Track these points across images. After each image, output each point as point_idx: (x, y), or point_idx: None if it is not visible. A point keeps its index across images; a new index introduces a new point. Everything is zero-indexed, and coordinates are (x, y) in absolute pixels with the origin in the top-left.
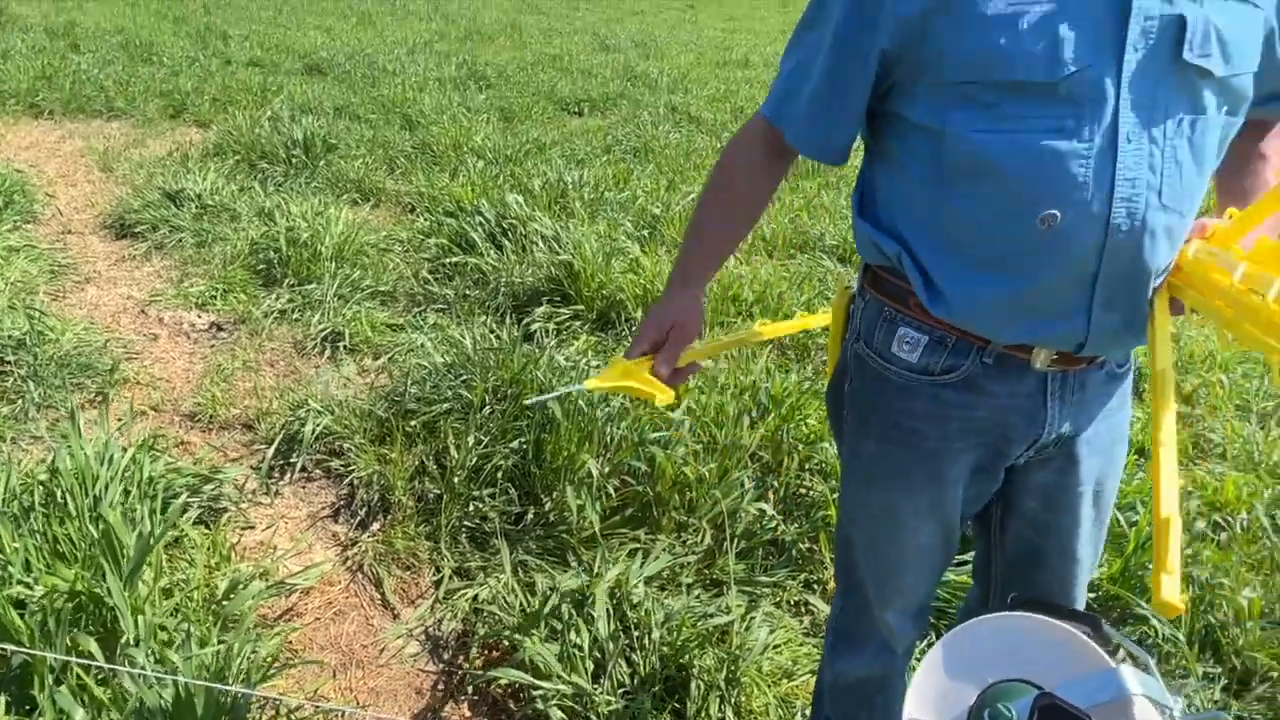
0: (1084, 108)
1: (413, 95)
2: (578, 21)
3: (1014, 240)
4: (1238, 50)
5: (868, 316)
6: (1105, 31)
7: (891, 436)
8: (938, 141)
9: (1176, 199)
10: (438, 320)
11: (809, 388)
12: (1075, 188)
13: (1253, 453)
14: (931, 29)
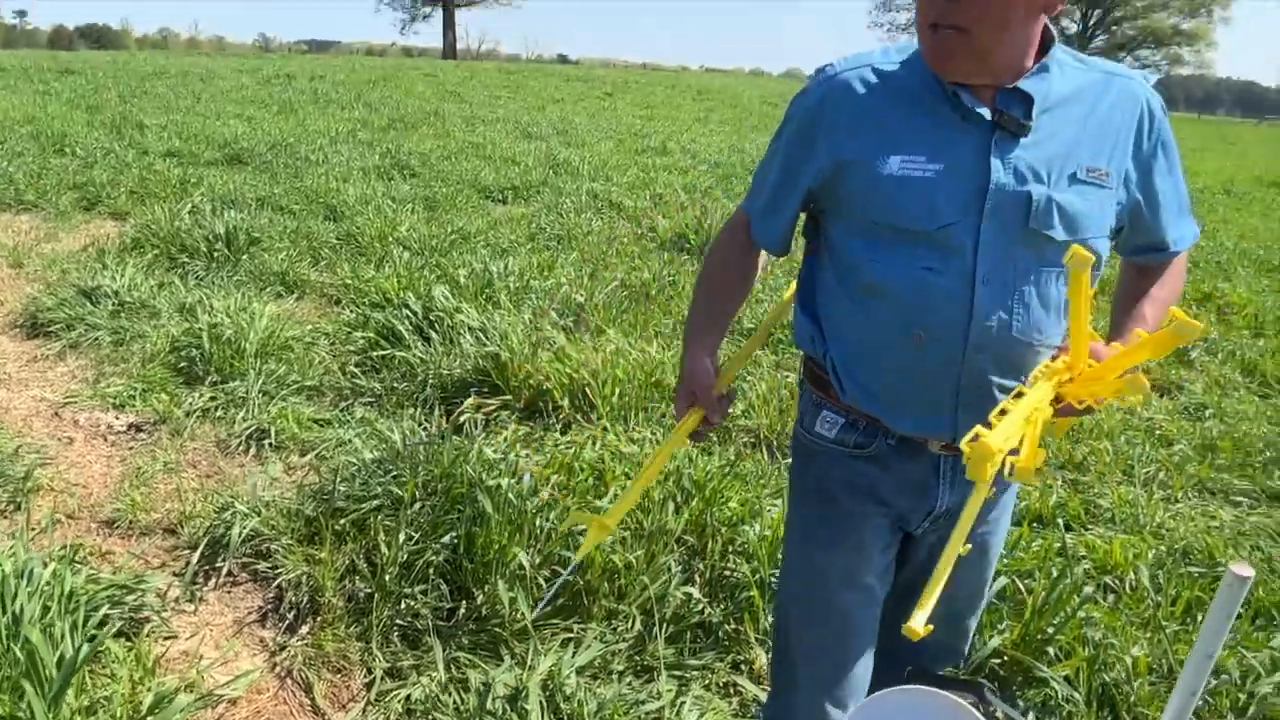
0: (950, 254)
1: (337, 185)
2: (500, 110)
3: (894, 349)
4: (1083, 222)
5: (803, 402)
6: (970, 199)
7: (813, 500)
8: (846, 261)
9: (1025, 332)
10: (365, 414)
11: (730, 471)
12: (940, 315)
13: (1138, 515)
14: (843, 178)
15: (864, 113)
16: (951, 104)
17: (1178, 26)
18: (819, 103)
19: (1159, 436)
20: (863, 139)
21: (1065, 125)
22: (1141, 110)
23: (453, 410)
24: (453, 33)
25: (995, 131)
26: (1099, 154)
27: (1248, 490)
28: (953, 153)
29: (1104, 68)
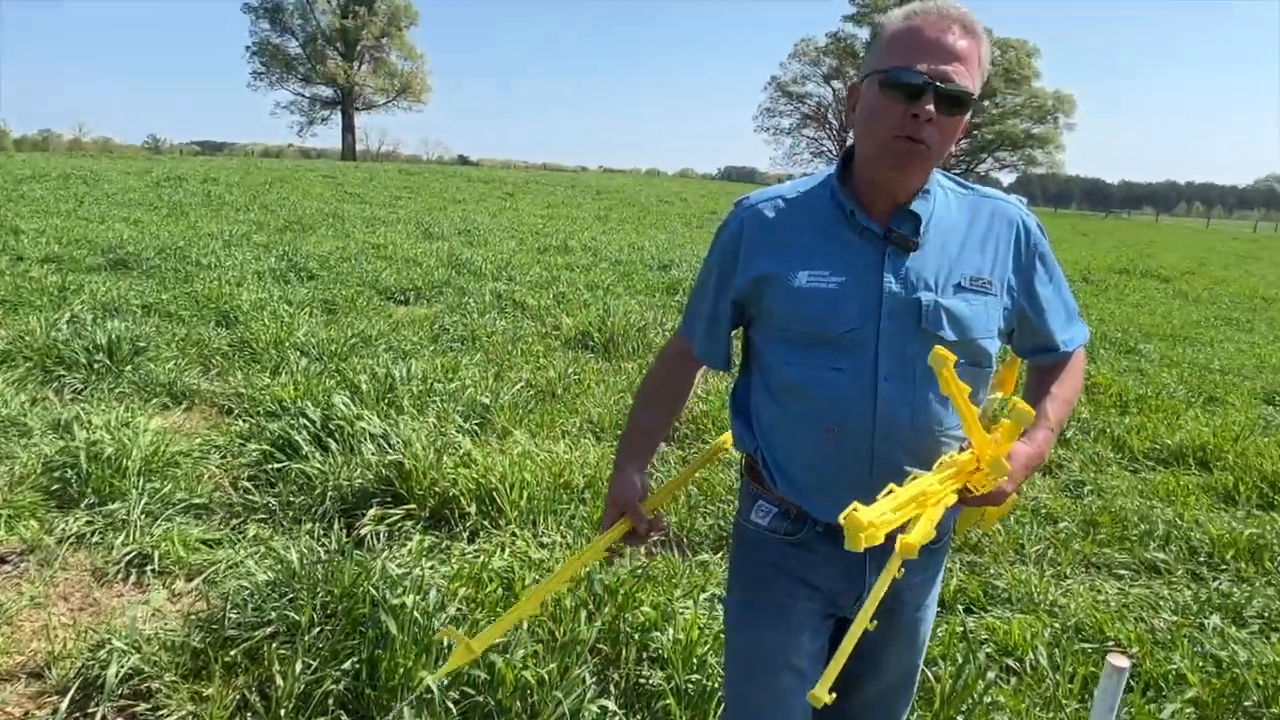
0: (855, 355)
1: (230, 290)
2: (400, 210)
3: (811, 443)
4: (969, 324)
5: (742, 494)
6: (869, 306)
7: (748, 584)
8: (767, 365)
9: (926, 423)
10: (259, 532)
11: (642, 574)
12: (849, 410)
13: (1032, 594)
14: (761, 292)
15: (776, 235)
16: (849, 225)
17: (1029, 131)
18: (739, 228)
19: (1045, 514)
20: (776, 257)
21: (949, 240)
22: (1018, 227)
23: (354, 523)
24: (352, 135)
25: (888, 246)
26: (981, 265)
27: (1128, 563)
28: (852, 267)
29: (982, 192)
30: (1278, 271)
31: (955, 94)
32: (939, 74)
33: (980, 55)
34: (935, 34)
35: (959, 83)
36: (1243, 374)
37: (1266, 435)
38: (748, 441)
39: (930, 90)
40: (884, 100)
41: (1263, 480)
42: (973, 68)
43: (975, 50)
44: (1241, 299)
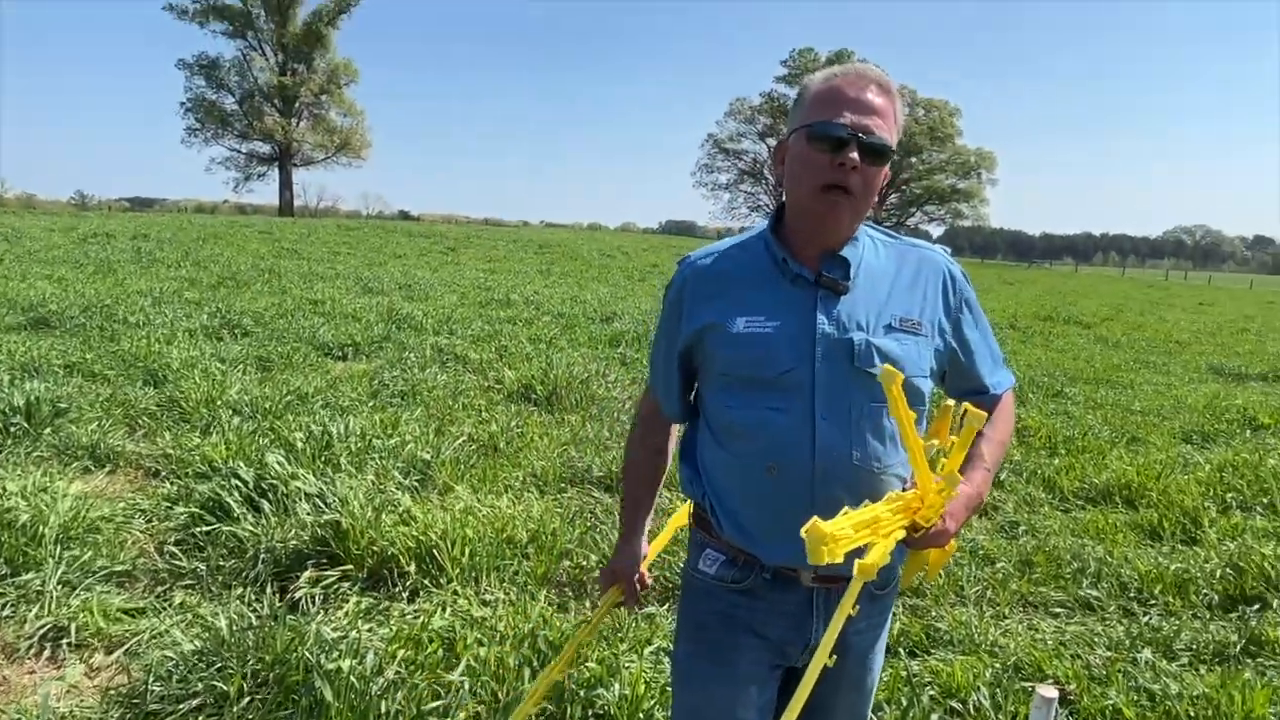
0: (792, 395)
1: (159, 348)
2: (339, 266)
3: (754, 484)
4: (901, 363)
5: (691, 543)
6: (804, 348)
7: (696, 636)
8: (712, 410)
9: (865, 460)
10: (185, 599)
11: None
12: (788, 448)
13: (973, 635)
14: (704, 340)
15: (715, 287)
16: (782, 272)
17: (954, 186)
18: (682, 284)
19: (982, 556)
20: (716, 307)
21: (878, 284)
22: (944, 274)
23: (288, 586)
24: (290, 191)
25: (819, 291)
26: (910, 307)
27: (1063, 600)
28: (786, 311)
29: (908, 242)
30: (1189, 317)
31: (876, 145)
32: (861, 126)
33: (895, 112)
34: (855, 92)
35: (879, 135)
36: (1161, 414)
37: (1186, 473)
38: (694, 488)
39: (854, 141)
40: (811, 152)
41: (1184, 516)
42: (890, 123)
43: (891, 107)
44: (1157, 343)
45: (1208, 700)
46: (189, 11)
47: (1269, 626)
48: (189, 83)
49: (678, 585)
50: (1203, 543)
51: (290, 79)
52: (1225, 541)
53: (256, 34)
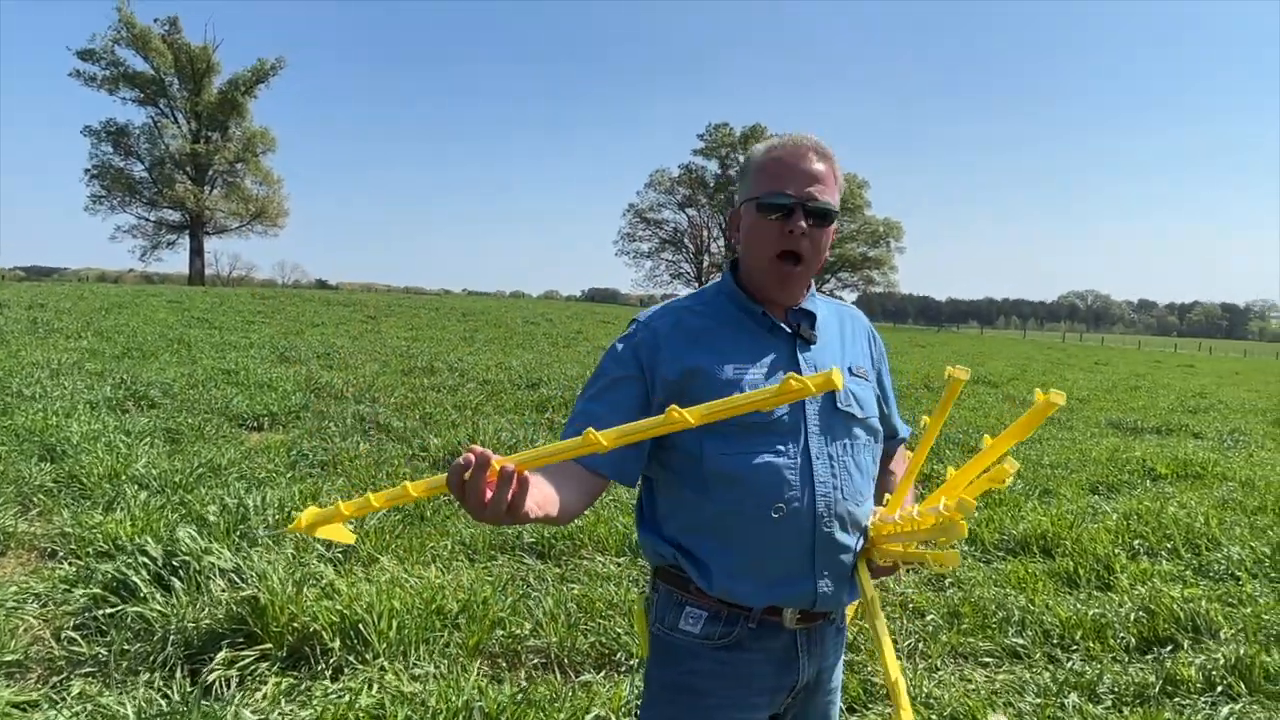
0: (788, 437)
1: (57, 421)
2: (254, 335)
3: (756, 525)
4: (866, 404)
5: (660, 603)
6: None
7: (677, 700)
8: (698, 463)
9: (852, 495)
10: (85, 689)
11: (523, 699)
12: (791, 489)
13: (908, 688)
14: (690, 386)
15: (693, 336)
16: (759, 323)
17: (865, 254)
18: (652, 336)
19: (913, 609)
20: (698, 354)
21: (832, 336)
22: (868, 330)
23: (200, 669)
24: (201, 259)
25: (796, 339)
26: (857, 358)
27: (991, 650)
28: (770, 358)
29: (835, 301)
30: (1086, 376)
31: (820, 209)
32: (805, 195)
33: (835, 174)
34: (795, 160)
35: (823, 199)
36: (1069, 467)
37: (1096, 522)
38: (663, 550)
39: (799, 208)
40: (762, 221)
41: (1098, 563)
42: (830, 185)
43: (831, 170)
44: None
45: None
46: (97, 79)
47: (1182, 666)
48: (95, 149)
49: (612, 651)
50: (1116, 588)
51: (204, 146)
52: (1137, 586)
53: (169, 101)
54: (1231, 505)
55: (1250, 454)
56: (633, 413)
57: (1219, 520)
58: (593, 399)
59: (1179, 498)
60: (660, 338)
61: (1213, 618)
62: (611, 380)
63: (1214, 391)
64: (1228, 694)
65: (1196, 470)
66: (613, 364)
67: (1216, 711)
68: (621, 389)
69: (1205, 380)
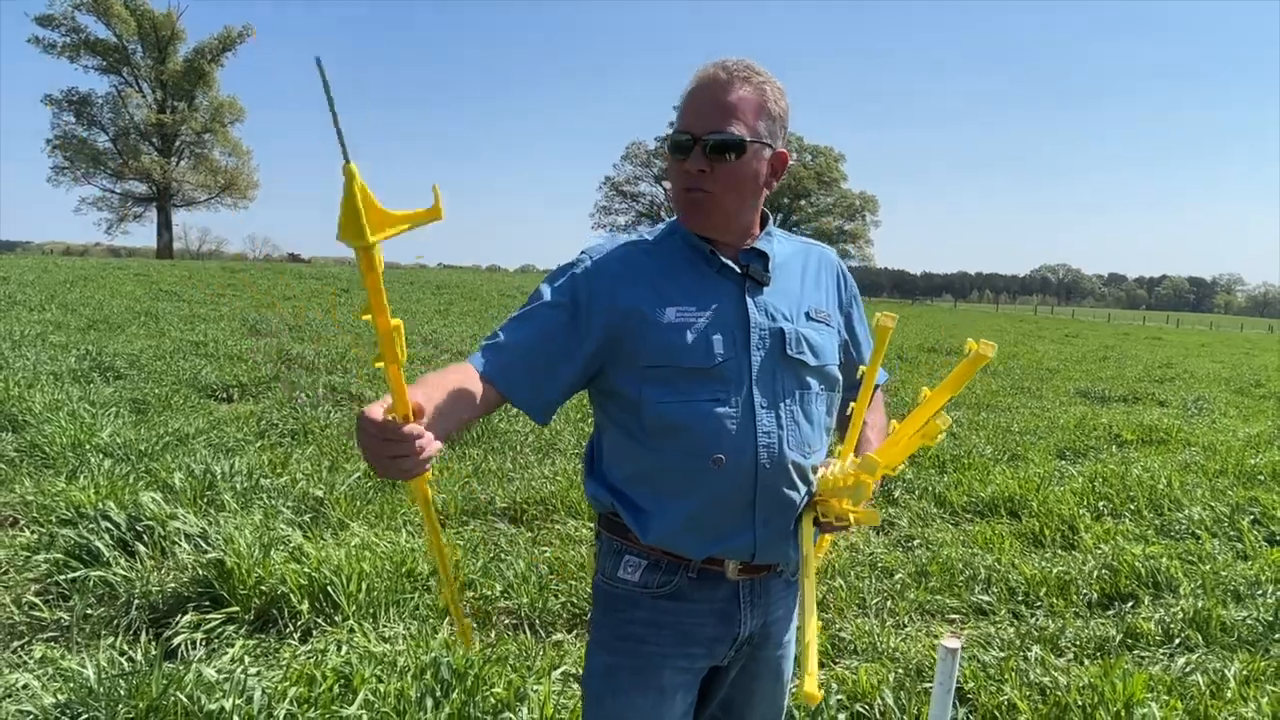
0: (730, 385)
1: (19, 392)
2: (224, 308)
3: (695, 475)
4: (822, 351)
5: (602, 553)
6: (739, 336)
7: (617, 647)
8: (640, 410)
9: (800, 446)
10: (47, 653)
11: (491, 656)
12: (732, 438)
13: (875, 643)
14: (627, 329)
15: (636, 274)
16: (707, 262)
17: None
18: (598, 269)
19: (881, 569)
20: (639, 292)
21: (791, 278)
22: (837, 270)
23: (164, 633)
24: (169, 232)
25: (746, 281)
26: (819, 300)
27: (958, 607)
28: (716, 301)
29: (803, 240)
30: (1056, 348)
31: (717, 143)
32: (705, 129)
33: (765, 100)
34: (699, 94)
35: (727, 130)
36: (1037, 434)
37: (1061, 484)
38: (604, 497)
39: (697, 145)
40: (671, 162)
41: (1062, 524)
42: (749, 114)
43: (754, 98)
44: (1030, 370)
45: (1093, 689)
46: (58, 46)
47: (1142, 620)
48: (56, 119)
49: (584, 612)
50: (1080, 547)
51: (170, 117)
52: (1100, 545)
53: (133, 70)
54: (1194, 468)
55: (1214, 420)
56: (547, 341)
57: (1181, 483)
58: (514, 324)
59: (1143, 462)
60: (603, 274)
61: (1173, 574)
62: (540, 306)
63: (1180, 362)
64: (1185, 645)
65: (1161, 436)
66: (548, 290)
67: (1174, 662)
68: (543, 316)
69: (1172, 351)
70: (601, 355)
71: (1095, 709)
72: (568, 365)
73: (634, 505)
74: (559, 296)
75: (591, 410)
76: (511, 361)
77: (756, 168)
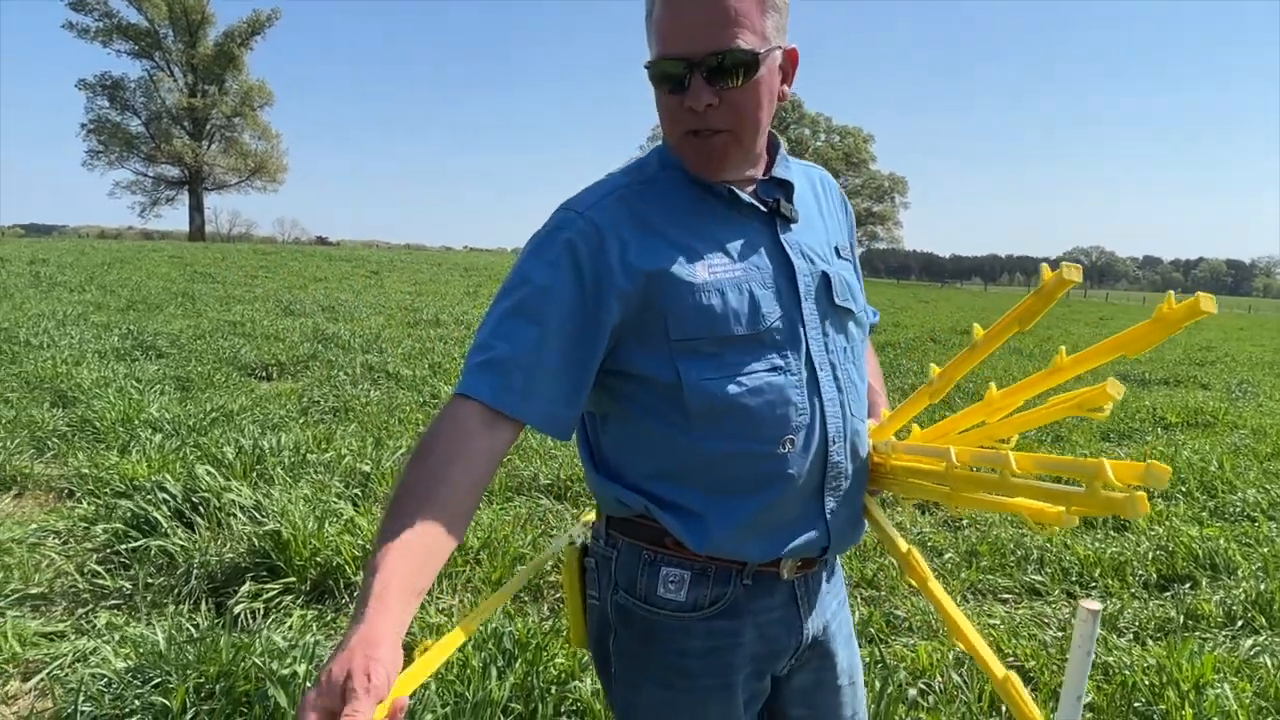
0: (786, 347)
1: (67, 369)
2: (257, 289)
3: (761, 464)
4: (858, 293)
5: (625, 564)
6: (784, 289)
7: (673, 682)
8: (674, 392)
9: (858, 408)
10: (111, 619)
11: (551, 626)
12: (799, 412)
13: (930, 622)
14: (653, 299)
15: (648, 225)
16: (727, 203)
17: (870, 210)
18: (595, 231)
19: (930, 548)
20: (656, 247)
21: (810, 209)
22: (841, 196)
23: (224, 602)
24: (201, 215)
25: (777, 220)
26: (838, 233)
27: (1010, 587)
28: (749, 249)
29: (800, 162)
30: (1091, 330)
31: (729, 64)
32: (704, 48)
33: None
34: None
35: (736, 46)
36: (1080, 416)
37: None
38: (630, 500)
39: (695, 72)
40: (661, 96)
41: None
42: (754, 17)
43: None
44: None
45: (1160, 669)
46: (91, 31)
47: (1203, 602)
48: (90, 104)
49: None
50: (1133, 528)
51: (201, 100)
52: (1154, 527)
53: (164, 54)
54: (1244, 451)
55: (1260, 404)
56: (557, 336)
57: (1232, 465)
58: (506, 325)
59: (1192, 444)
60: (606, 231)
61: (1231, 556)
62: (533, 292)
63: (1220, 345)
64: (1249, 627)
65: (1207, 419)
66: (539, 268)
67: (1239, 644)
68: (541, 305)
69: (1211, 334)
70: (618, 333)
71: (1164, 689)
72: (591, 359)
73: (679, 508)
74: (555, 274)
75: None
76: (519, 378)
77: (772, 79)
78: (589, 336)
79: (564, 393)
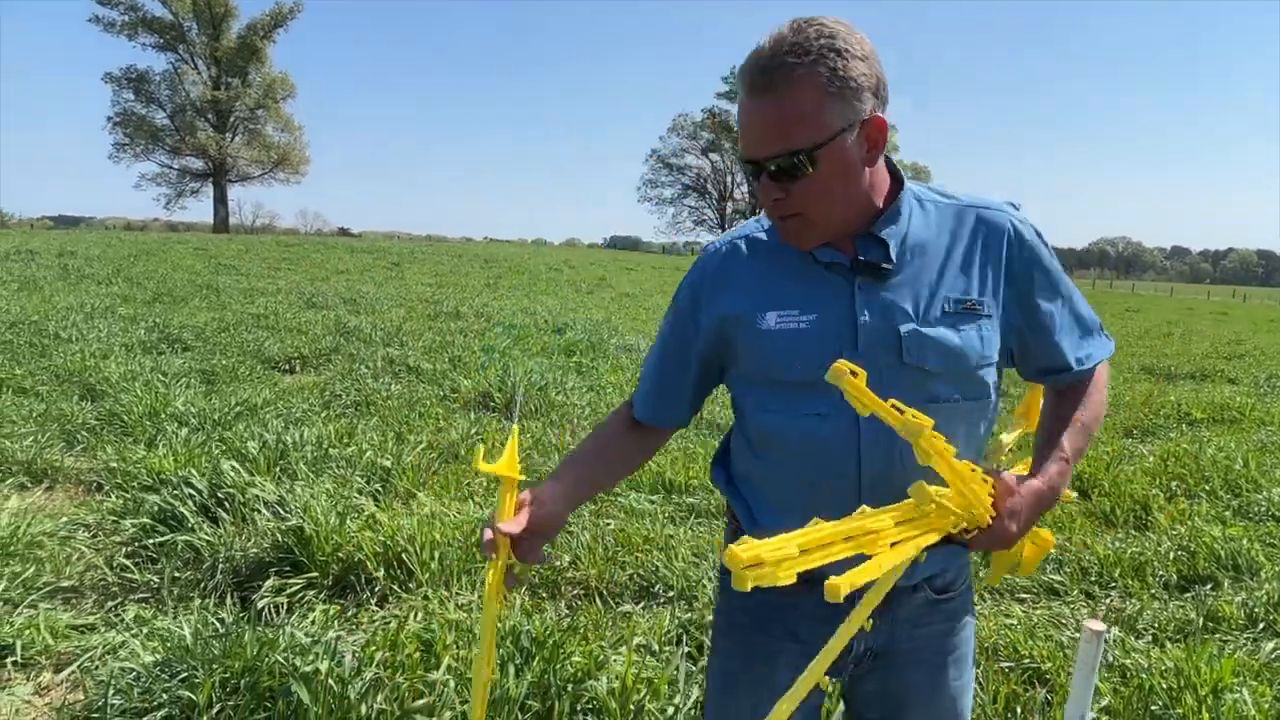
0: (833, 399)
1: (95, 363)
2: (280, 281)
3: (790, 496)
4: (962, 354)
5: (726, 536)
6: (844, 343)
7: (729, 631)
8: (745, 416)
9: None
10: (140, 613)
11: (568, 624)
12: (831, 460)
13: None
14: (729, 335)
15: (739, 275)
16: (814, 258)
17: None
18: (699, 275)
19: None
20: (739, 296)
21: (928, 261)
22: (1008, 236)
23: (249, 596)
24: (225, 207)
25: (857, 277)
26: (969, 285)
27: (1028, 586)
28: (822, 303)
29: (967, 201)
30: (1118, 322)
31: (781, 169)
32: (762, 154)
33: (827, 77)
34: (751, 106)
35: (788, 150)
36: None
37: (1131, 464)
38: (727, 491)
39: (764, 172)
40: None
41: (1135, 503)
42: (808, 113)
43: (809, 87)
44: None
45: (1177, 672)
46: (116, 24)
47: (1224, 604)
48: (116, 96)
49: (650, 584)
50: (1154, 528)
51: (224, 93)
52: (1175, 526)
53: (188, 47)
54: (1271, 449)
55: None
56: (667, 360)
57: (1258, 463)
58: (653, 350)
59: (1216, 441)
60: (704, 277)
61: (1254, 557)
62: (664, 324)
63: (1250, 338)
64: (1271, 630)
65: (1234, 415)
66: (674, 302)
67: (1260, 647)
68: (664, 334)
69: (1240, 327)
70: (715, 358)
71: (1181, 693)
72: (684, 374)
73: (744, 503)
74: (675, 306)
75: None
76: (648, 390)
77: (844, 161)
78: (680, 356)
79: (652, 392)
